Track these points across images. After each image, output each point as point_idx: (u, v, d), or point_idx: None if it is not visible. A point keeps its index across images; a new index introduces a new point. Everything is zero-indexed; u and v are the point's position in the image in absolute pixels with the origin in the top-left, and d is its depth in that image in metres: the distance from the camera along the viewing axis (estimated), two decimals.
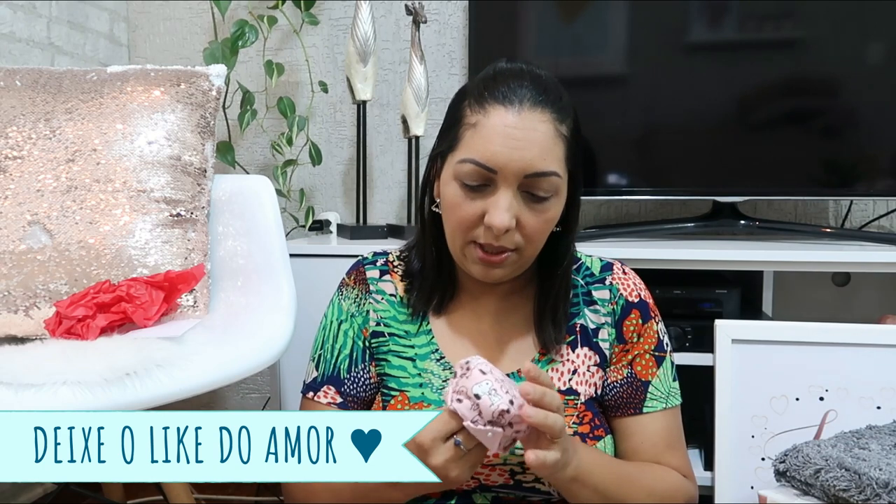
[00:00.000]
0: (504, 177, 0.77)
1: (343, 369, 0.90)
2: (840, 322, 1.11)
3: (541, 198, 0.79)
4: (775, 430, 1.08)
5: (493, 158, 0.77)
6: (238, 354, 1.01)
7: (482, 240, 0.80)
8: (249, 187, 1.28)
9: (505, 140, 0.77)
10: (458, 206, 0.80)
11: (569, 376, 0.86)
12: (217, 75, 1.29)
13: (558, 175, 0.79)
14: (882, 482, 0.79)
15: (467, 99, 0.82)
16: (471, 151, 0.79)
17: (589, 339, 0.89)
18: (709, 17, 1.52)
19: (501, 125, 0.77)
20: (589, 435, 0.82)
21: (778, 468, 0.91)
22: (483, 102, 0.79)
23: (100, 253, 1.11)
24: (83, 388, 0.83)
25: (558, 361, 0.86)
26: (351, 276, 0.95)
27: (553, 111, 0.79)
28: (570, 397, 0.84)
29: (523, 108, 0.77)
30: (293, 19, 1.82)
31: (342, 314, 0.93)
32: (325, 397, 0.90)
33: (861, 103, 1.49)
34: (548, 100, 0.79)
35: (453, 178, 0.81)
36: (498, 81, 0.80)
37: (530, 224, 0.80)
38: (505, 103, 0.78)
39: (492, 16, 1.61)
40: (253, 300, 1.17)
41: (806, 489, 0.87)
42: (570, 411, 0.83)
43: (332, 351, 0.92)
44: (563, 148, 0.80)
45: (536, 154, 0.77)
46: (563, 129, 0.80)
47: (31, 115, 1.20)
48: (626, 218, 1.83)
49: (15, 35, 1.60)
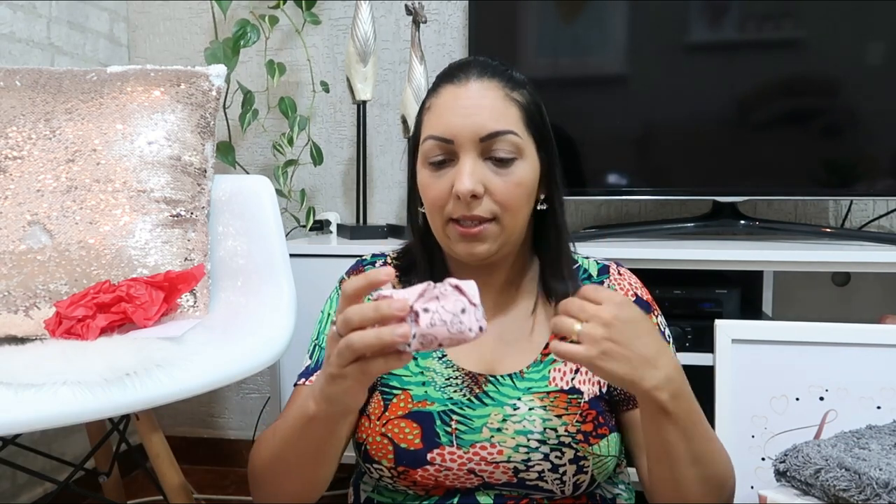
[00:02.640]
0: (461, 144, 0.80)
1: None
2: (840, 322, 1.11)
3: (504, 160, 0.81)
4: (775, 430, 1.08)
5: (447, 128, 0.81)
6: (238, 354, 1.01)
7: (456, 214, 0.81)
8: (249, 187, 1.28)
9: (455, 110, 0.81)
10: (429, 186, 0.84)
11: (571, 375, 0.85)
12: (217, 75, 1.29)
13: (515, 133, 0.81)
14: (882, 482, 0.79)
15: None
16: (428, 130, 0.83)
17: None
18: (709, 17, 1.52)
19: (452, 99, 0.82)
20: (592, 433, 0.82)
21: (778, 468, 0.91)
22: (436, 88, 0.85)
23: (100, 253, 1.11)
24: (83, 388, 0.83)
25: (560, 361, 0.86)
26: (350, 276, 0.95)
27: (501, 80, 0.83)
28: (574, 396, 0.84)
29: (470, 80, 0.82)
30: (294, 19, 1.82)
31: None
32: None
33: (861, 103, 1.49)
34: (495, 72, 0.84)
35: (422, 164, 0.85)
36: (448, 69, 0.87)
37: (500, 189, 0.81)
38: (453, 81, 0.83)
39: (492, 16, 1.61)
40: (253, 300, 1.17)
41: (806, 489, 0.87)
42: (574, 409, 0.83)
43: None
44: (518, 111, 0.83)
45: (488, 116, 0.80)
46: (516, 95, 0.83)
47: (31, 115, 1.20)
48: (625, 218, 1.83)
49: (15, 35, 1.60)
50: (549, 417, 0.81)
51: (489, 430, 0.81)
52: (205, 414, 2.07)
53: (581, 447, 0.80)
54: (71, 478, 1.04)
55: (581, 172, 1.59)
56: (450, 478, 0.81)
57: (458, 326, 0.61)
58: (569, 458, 0.80)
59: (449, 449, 0.81)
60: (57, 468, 1.65)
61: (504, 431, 0.81)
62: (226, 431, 2.06)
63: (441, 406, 0.83)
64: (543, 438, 0.80)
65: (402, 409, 0.84)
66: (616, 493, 0.89)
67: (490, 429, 0.81)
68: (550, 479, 0.80)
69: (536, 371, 0.85)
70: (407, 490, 0.84)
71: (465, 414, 0.82)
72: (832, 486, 0.82)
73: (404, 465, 0.81)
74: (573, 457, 0.80)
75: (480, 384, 0.84)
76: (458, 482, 0.81)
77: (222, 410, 2.06)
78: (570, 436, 0.80)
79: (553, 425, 0.81)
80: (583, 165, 1.59)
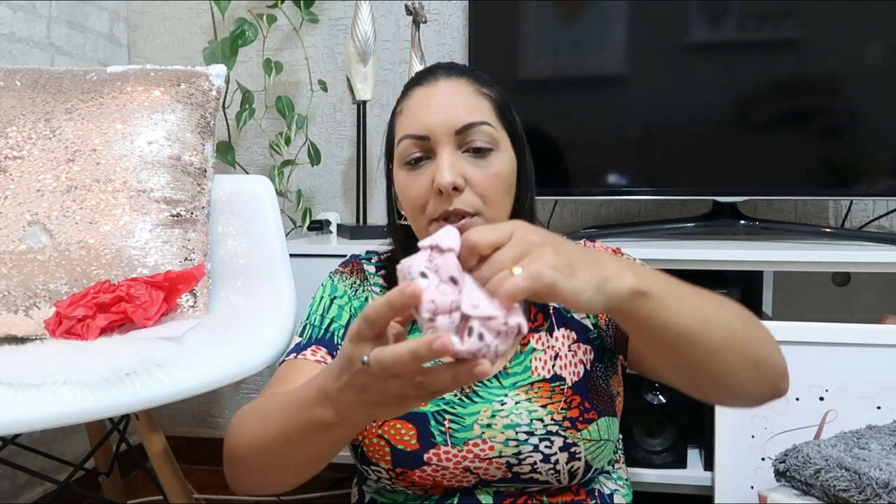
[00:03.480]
0: (437, 139, 0.81)
1: (338, 336, 0.86)
2: (840, 322, 1.11)
3: (481, 150, 0.81)
4: (775, 430, 1.08)
5: (421, 125, 0.81)
6: (238, 354, 1.01)
7: (438, 212, 0.80)
8: (249, 187, 1.28)
9: (428, 107, 0.82)
10: (408, 187, 0.83)
11: (552, 363, 0.85)
12: (217, 75, 1.29)
13: (489, 124, 0.82)
14: (882, 482, 0.79)
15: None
16: (402, 131, 0.83)
17: (564, 318, 0.88)
18: (709, 17, 1.52)
19: (423, 98, 0.83)
20: (579, 419, 0.82)
21: (778, 468, 0.91)
22: (405, 93, 0.86)
23: (100, 253, 1.11)
24: (83, 388, 0.83)
25: (540, 350, 0.86)
26: (347, 266, 0.95)
27: (469, 78, 0.84)
28: (556, 384, 0.84)
29: (439, 80, 0.84)
30: (293, 19, 1.82)
31: (336, 291, 0.91)
32: (313, 355, 0.83)
33: (861, 103, 1.49)
34: (462, 71, 0.85)
35: (399, 167, 0.84)
36: (415, 76, 0.87)
37: (480, 181, 0.81)
38: (422, 83, 0.84)
39: (492, 16, 1.61)
40: (253, 300, 1.17)
41: (806, 489, 0.87)
42: (558, 397, 0.83)
43: (322, 319, 0.88)
44: (490, 104, 0.84)
45: (461, 109, 0.81)
46: (486, 90, 0.85)
47: (31, 115, 1.20)
48: (625, 218, 1.83)
49: (15, 35, 1.60)
50: (535, 408, 0.81)
51: (480, 426, 0.81)
52: (205, 414, 2.07)
53: (569, 433, 0.80)
54: (71, 478, 1.04)
55: (581, 172, 1.59)
56: (447, 477, 0.81)
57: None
58: (559, 445, 0.80)
59: (444, 448, 0.81)
60: (57, 468, 1.65)
61: (493, 427, 0.81)
62: (226, 431, 2.06)
63: (434, 406, 0.83)
64: (531, 430, 0.80)
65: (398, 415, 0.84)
66: (614, 489, 0.89)
67: (480, 425, 0.81)
68: (544, 470, 0.80)
69: (518, 363, 0.85)
70: (406, 491, 0.84)
71: (457, 412, 0.82)
72: (832, 486, 0.82)
73: (402, 466, 0.81)
74: (563, 444, 0.80)
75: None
76: (455, 481, 0.82)
77: (222, 410, 2.06)
78: (556, 423, 0.80)
79: (539, 416, 0.81)
80: (583, 165, 1.59)
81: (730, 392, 0.69)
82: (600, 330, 0.89)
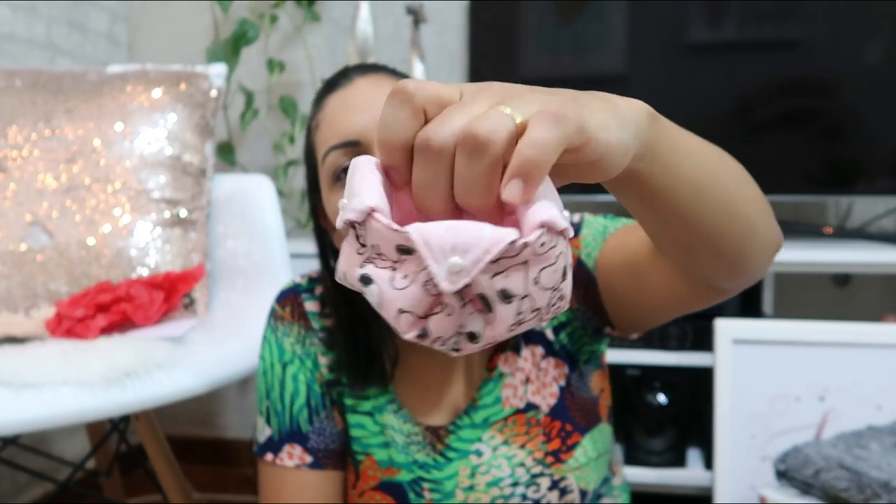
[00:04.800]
0: (369, 141, 0.69)
1: (303, 421, 0.79)
2: (840, 322, 1.11)
3: None
4: (775, 430, 1.08)
5: (348, 130, 0.70)
6: (238, 354, 1.02)
7: None
8: (250, 187, 1.28)
9: (350, 111, 0.71)
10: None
11: (523, 388, 0.78)
12: (217, 75, 1.29)
13: None
14: (882, 482, 0.79)
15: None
16: (325, 145, 0.71)
17: (528, 335, 0.80)
18: (709, 17, 1.52)
19: (341, 103, 0.72)
20: (562, 449, 0.77)
21: (778, 468, 0.91)
22: (319, 104, 0.75)
23: (100, 253, 1.11)
24: (83, 388, 0.83)
25: (508, 375, 0.78)
26: (285, 308, 0.82)
27: (386, 72, 0.76)
28: (531, 413, 0.77)
29: (353, 79, 0.73)
30: (295, 18, 1.82)
31: (285, 355, 0.80)
32: (290, 459, 0.78)
33: (861, 103, 1.49)
34: (377, 67, 0.76)
35: (328, 188, 0.72)
36: (325, 84, 0.77)
37: None
38: (336, 88, 0.74)
39: (492, 16, 1.61)
40: (253, 300, 1.17)
41: (806, 489, 0.87)
42: (535, 430, 0.77)
43: (283, 401, 0.79)
44: None
45: None
46: None
47: (31, 115, 1.20)
48: None
49: (15, 35, 1.60)
50: (514, 452, 0.76)
51: (462, 490, 0.76)
52: (205, 414, 2.07)
53: (554, 469, 0.76)
54: (71, 478, 1.04)
55: None
56: None
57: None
58: (546, 486, 0.76)
59: None
60: (57, 468, 1.65)
61: (476, 488, 0.76)
62: (226, 431, 2.06)
63: (409, 473, 0.77)
64: (515, 480, 0.76)
65: (373, 478, 0.78)
66: (613, 494, 0.88)
67: (463, 489, 0.76)
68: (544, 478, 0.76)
69: (488, 394, 0.78)
70: None
71: (434, 478, 0.77)
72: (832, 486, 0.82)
73: None
74: (550, 483, 0.76)
75: (441, 437, 0.78)
76: None
77: (222, 410, 2.06)
78: (539, 463, 0.76)
79: (520, 460, 0.76)
80: None
81: (749, 246, 0.54)
82: (574, 313, 0.78)
